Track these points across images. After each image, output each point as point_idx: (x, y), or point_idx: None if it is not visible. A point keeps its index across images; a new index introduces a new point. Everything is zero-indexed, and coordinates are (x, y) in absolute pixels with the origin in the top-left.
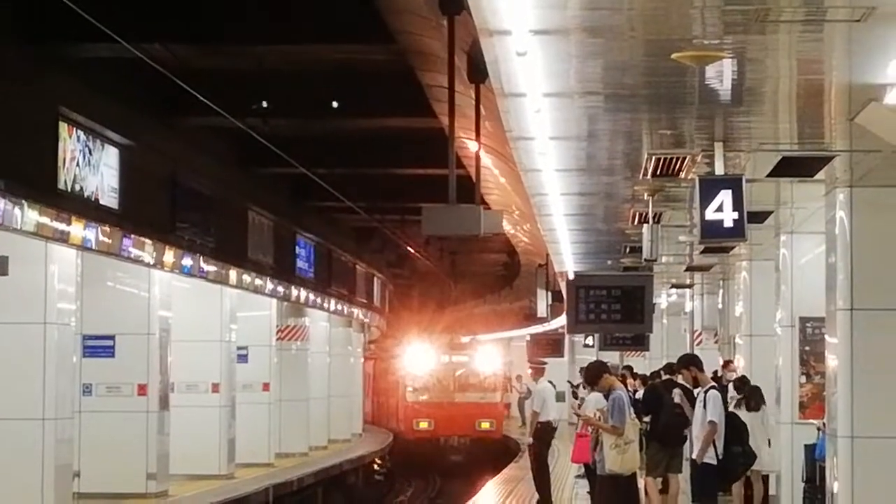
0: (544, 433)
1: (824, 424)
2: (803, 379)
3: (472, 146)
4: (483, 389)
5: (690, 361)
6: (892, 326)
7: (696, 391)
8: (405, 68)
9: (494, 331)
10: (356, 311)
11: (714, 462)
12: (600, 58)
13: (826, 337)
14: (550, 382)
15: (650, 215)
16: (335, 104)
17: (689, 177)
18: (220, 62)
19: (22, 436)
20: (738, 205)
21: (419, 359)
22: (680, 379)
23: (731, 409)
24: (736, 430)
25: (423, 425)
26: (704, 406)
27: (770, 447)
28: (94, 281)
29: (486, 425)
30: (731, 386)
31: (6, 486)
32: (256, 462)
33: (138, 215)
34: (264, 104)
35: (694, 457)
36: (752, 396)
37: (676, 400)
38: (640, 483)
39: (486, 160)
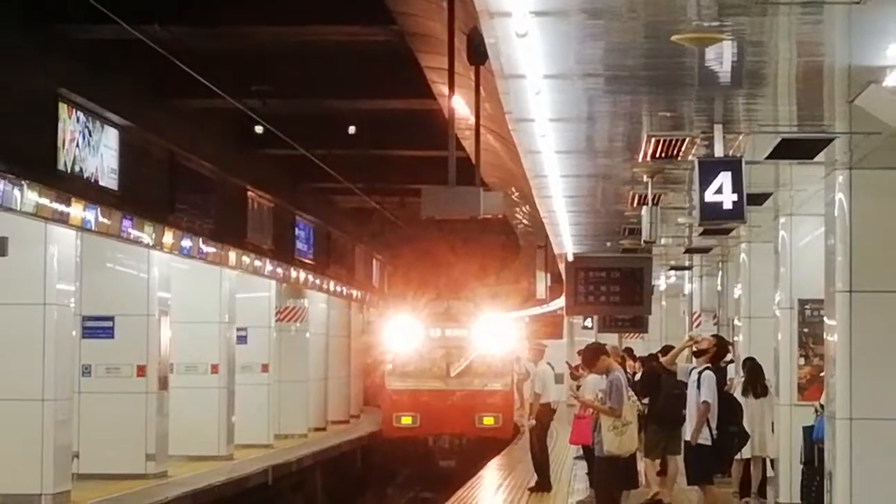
0: (544, 415)
1: (822, 406)
2: (802, 361)
3: (472, 128)
4: (486, 374)
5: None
6: (891, 308)
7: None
8: (405, 50)
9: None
10: (355, 292)
11: (709, 443)
12: (600, 39)
13: (825, 319)
14: (549, 364)
15: (649, 197)
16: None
17: (689, 159)
18: (219, 43)
19: (21, 416)
20: (737, 187)
21: (401, 333)
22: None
23: (737, 394)
24: (731, 411)
25: (406, 421)
26: (698, 387)
27: (773, 432)
28: (94, 262)
29: (489, 421)
30: (730, 367)
31: (5, 466)
32: (255, 443)
33: (138, 196)
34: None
35: (688, 438)
36: (757, 381)
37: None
38: (640, 465)
39: (486, 142)
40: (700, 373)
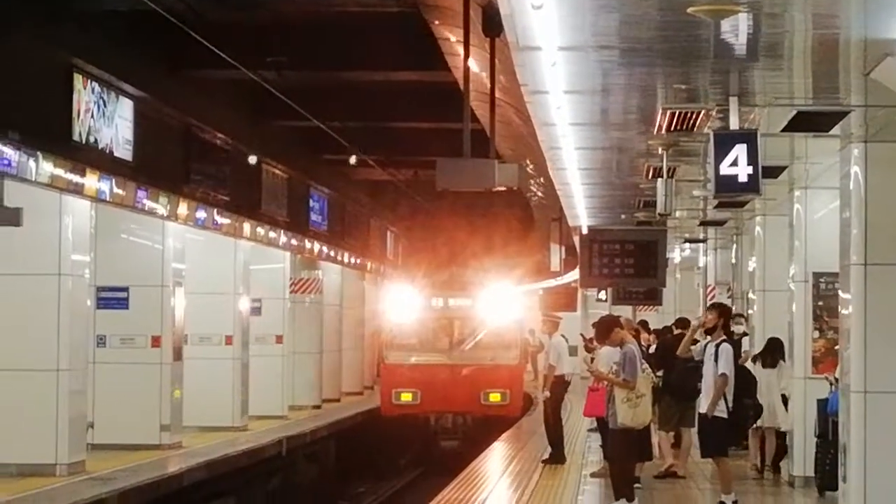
0: (558, 387)
1: (837, 379)
2: (816, 334)
3: (487, 100)
4: (493, 347)
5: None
6: None
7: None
8: (420, 21)
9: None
10: (369, 264)
11: (725, 415)
12: (615, 11)
13: (839, 292)
14: (563, 336)
15: (664, 170)
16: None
17: (704, 131)
18: (234, 15)
19: (36, 387)
20: (752, 159)
21: (400, 302)
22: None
23: (747, 364)
24: (746, 383)
25: (406, 398)
26: (716, 359)
27: (786, 406)
28: (109, 233)
29: (495, 398)
30: (745, 340)
31: (21, 436)
32: (270, 414)
33: (152, 167)
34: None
35: (704, 410)
36: (768, 352)
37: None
38: (654, 437)
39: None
40: (717, 345)
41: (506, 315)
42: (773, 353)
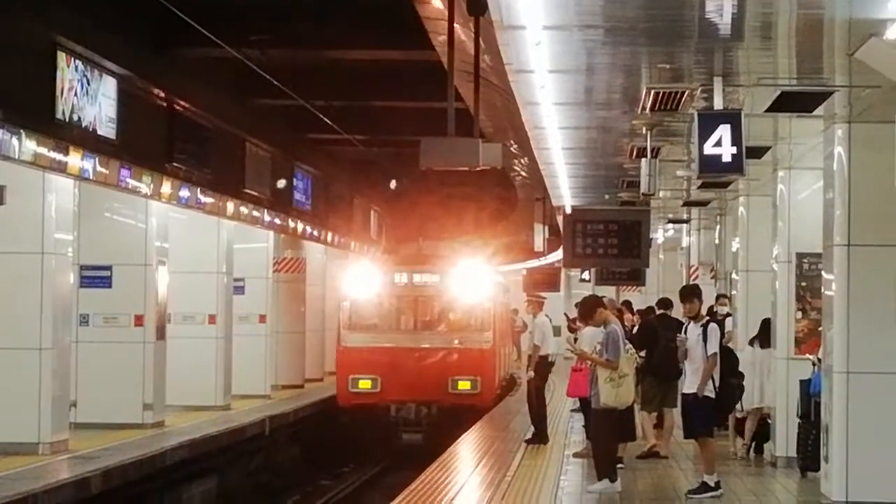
0: (542, 367)
1: (819, 360)
2: (799, 315)
3: (471, 79)
4: (463, 329)
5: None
6: (889, 262)
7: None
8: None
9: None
10: (353, 243)
11: (713, 395)
12: None
13: (822, 273)
14: (547, 317)
15: (648, 150)
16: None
17: (688, 111)
18: None
19: (19, 365)
20: (736, 139)
21: (359, 278)
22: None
23: (745, 346)
24: (731, 363)
25: (364, 385)
26: (705, 340)
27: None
28: (92, 211)
29: (464, 385)
30: (728, 321)
31: (3, 414)
32: (253, 394)
33: (136, 146)
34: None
35: (694, 390)
36: (763, 333)
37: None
38: (637, 418)
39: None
40: (704, 326)
41: (478, 293)
42: (768, 334)
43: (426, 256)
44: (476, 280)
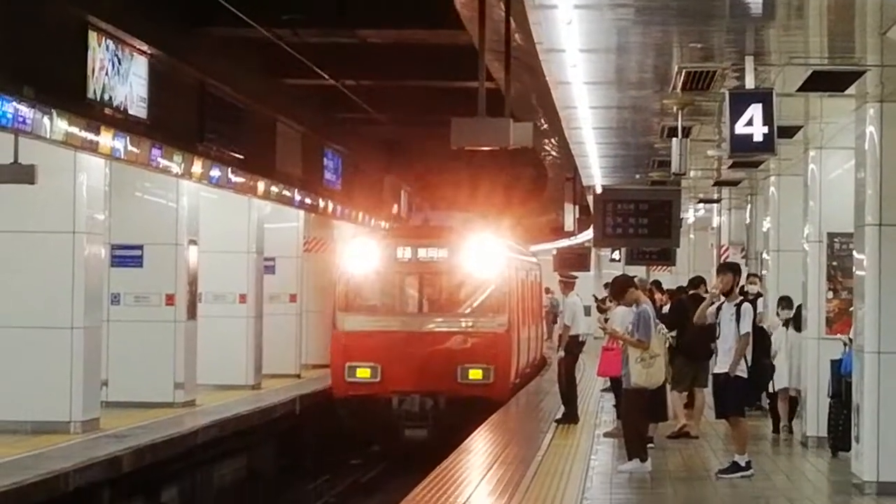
0: (572, 347)
1: (851, 340)
2: (830, 294)
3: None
4: (475, 311)
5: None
6: None
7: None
8: None
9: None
10: (383, 223)
11: (745, 375)
12: None
13: (854, 252)
14: (577, 296)
15: (679, 129)
16: None
17: (719, 91)
18: None
19: (51, 344)
20: (768, 119)
21: (358, 254)
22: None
23: (780, 329)
24: (763, 343)
25: (363, 374)
26: (738, 320)
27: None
28: (123, 191)
29: (475, 374)
30: (759, 301)
31: (35, 393)
32: (283, 373)
33: (167, 125)
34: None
35: (726, 370)
36: (799, 315)
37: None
38: (668, 398)
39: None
40: (737, 305)
41: (492, 270)
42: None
43: (433, 228)
44: (491, 255)
